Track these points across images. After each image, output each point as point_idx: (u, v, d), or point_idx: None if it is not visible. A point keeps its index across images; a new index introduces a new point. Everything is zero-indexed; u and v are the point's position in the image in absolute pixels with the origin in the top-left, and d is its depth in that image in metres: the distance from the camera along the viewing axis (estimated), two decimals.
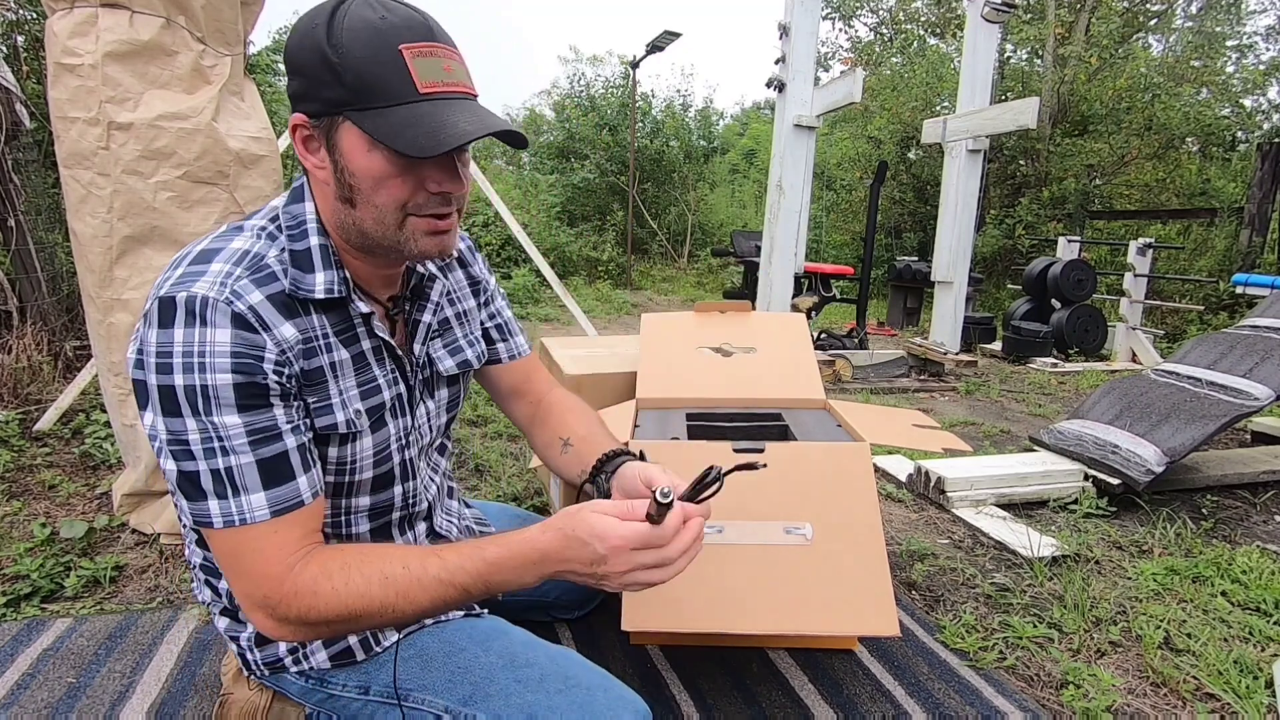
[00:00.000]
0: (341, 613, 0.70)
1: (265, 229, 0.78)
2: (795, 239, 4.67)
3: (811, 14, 4.41)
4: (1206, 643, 1.53)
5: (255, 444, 0.70)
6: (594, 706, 0.80)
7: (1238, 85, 10.40)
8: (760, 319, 2.01)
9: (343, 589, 0.70)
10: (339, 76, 0.68)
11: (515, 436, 2.92)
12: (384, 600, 0.70)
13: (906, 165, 10.66)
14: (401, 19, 0.70)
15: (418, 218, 0.75)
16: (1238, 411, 2.31)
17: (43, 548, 1.74)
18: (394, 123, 0.68)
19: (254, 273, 0.73)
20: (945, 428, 2.43)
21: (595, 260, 10.53)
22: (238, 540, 0.71)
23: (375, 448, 0.85)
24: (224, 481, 0.69)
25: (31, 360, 2.92)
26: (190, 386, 0.67)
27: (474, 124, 0.70)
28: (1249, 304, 5.50)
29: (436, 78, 0.70)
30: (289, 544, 0.72)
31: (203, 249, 0.75)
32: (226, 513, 0.69)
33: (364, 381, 0.83)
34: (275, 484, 0.71)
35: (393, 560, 0.72)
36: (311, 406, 0.78)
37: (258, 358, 0.70)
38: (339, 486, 0.85)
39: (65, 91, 1.60)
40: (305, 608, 0.70)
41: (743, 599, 1.22)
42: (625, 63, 12.23)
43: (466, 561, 0.71)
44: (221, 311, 0.69)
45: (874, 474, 1.35)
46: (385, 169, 0.71)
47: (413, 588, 0.71)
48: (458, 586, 0.71)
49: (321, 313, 0.79)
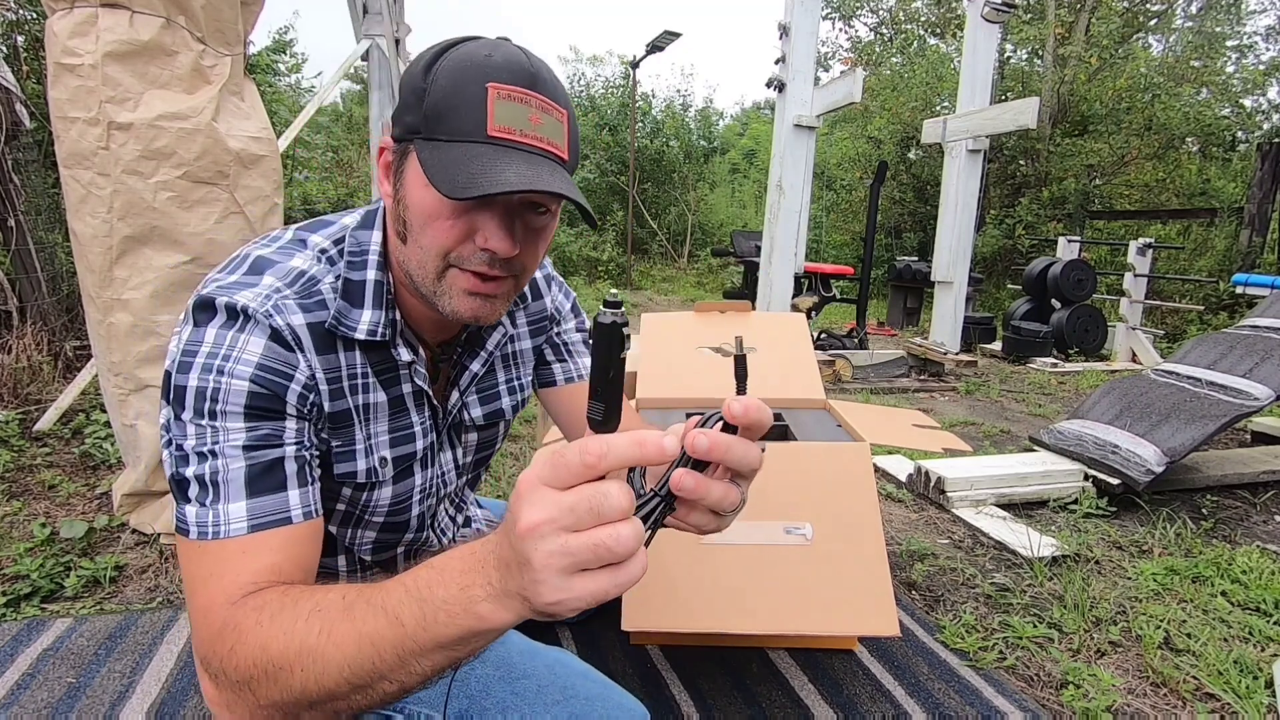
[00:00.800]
0: (258, 658, 0.54)
1: (327, 251, 0.73)
2: (795, 239, 4.67)
3: (811, 14, 4.41)
4: (1206, 643, 1.53)
5: (250, 450, 0.64)
6: (591, 717, 0.79)
7: (1238, 85, 10.41)
8: (760, 319, 2.01)
9: (267, 623, 0.54)
10: (421, 101, 0.65)
11: (515, 436, 2.92)
12: (305, 639, 0.52)
13: (906, 165, 10.66)
14: (505, 60, 0.65)
15: (459, 270, 0.68)
16: (1238, 411, 2.31)
17: (43, 548, 1.74)
18: (447, 158, 0.62)
19: (303, 297, 0.69)
20: (945, 428, 2.43)
21: (595, 260, 10.54)
22: (205, 561, 0.61)
23: (394, 498, 0.81)
24: (208, 487, 0.63)
25: (31, 360, 2.92)
26: (202, 388, 0.63)
27: (523, 179, 0.61)
28: (1249, 304, 5.50)
29: (515, 124, 0.64)
30: (249, 571, 0.60)
31: (261, 256, 0.71)
32: (202, 523, 0.62)
33: (397, 428, 0.79)
34: (260, 493, 0.63)
35: (333, 592, 0.55)
36: (333, 450, 0.74)
37: (286, 375, 0.67)
38: (348, 516, 0.82)
39: (65, 91, 1.60)
40: (227, 650, 0.56)
41: (743, 599, 1.22)
42: (625, 63, 12.24)
43: (409, 575, 0.50)
44: (261, 323, 0.66)
45: (874, 474, 1.35)
46: (436, 207, 0.65)
47: (340, 620, 0.51)
48: (389, 611, 0.49)
49: (363, 351, 0.74)
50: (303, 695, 0.53)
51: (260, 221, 1.81)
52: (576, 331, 1.01)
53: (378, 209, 0.77)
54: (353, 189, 9.38)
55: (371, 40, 3.68)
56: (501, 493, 2.25)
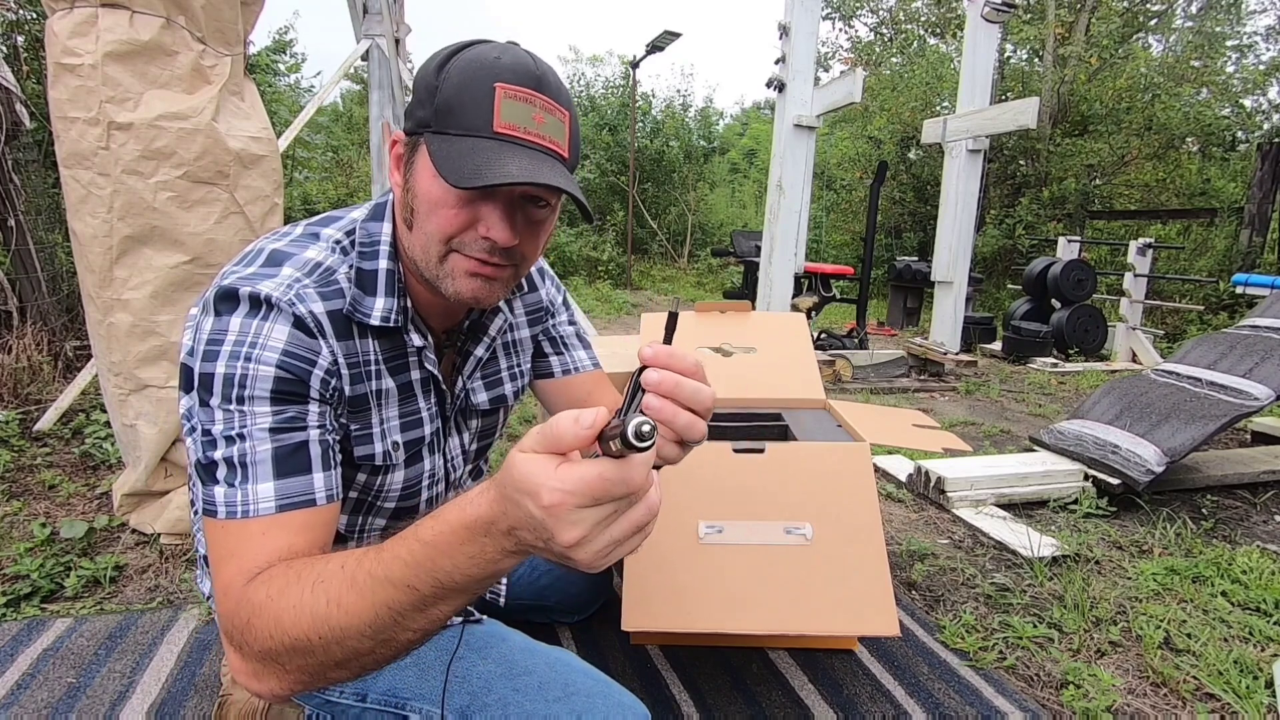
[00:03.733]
0: (274, 631, 0.57)
1: (340, 243, 0.77)
2: (795, 239, 4.67)
3: (811, 14, 4.41)
4: (1206, 643, 1.53)
5: (277, 432, 0.67)
6: (593, 714, 0.80)
7: (1238, 85, 10.41)
8: (760, 319, 2.01)
9: (277, 597, 0.58)
10: (433, 97, 0.69)
11: (515, 436, 2.92)
12: (315, 610, 0.55)
13: (906, 165, 10.66)
14: (513, 62, 0.69)
15: (461, 256, 0.72)
16: (1238, 411, 2.31)
17: (43, 548, 1.74)
18: (455, 150, 0.67)
19: (321, 285, 0.73)
20: (945, 428, 2.42)
21: (595, 260, 10.54)
22: (229, 540, 0.64)
23: (406, 483, 0.84)
24: (236, 469, 0.66)
25: (31, 360, 2.92)
26: (230, 375, 0.66)
27: (524, 173, 0.65)
28: (1249, 304, 5.50)
29: (519, 122, 0.68)
30: (268, 550, 0.63)
31: (276, 249, 0.74)
32: (230, 502, 0.65)
33: (407, 413, 0.82)
34: (289, 473, 0.67)
35: (331, 561, 0.59)
36: (352, 433, 0.77)
37: (310, 361, 0.70)
38: (359, 504, 0.84)
39: (65, 91, 1.60)
40: (244, 625, 0.59)
41: (743, 599, 1.22)
42: (625, 63, 12.24)
43: (402, 548, 0.53)
44: (285, 311, 0.69)
45: (874, 474, 1.35)
46: (442, 196, 0.69)
47: (346, 592, 0.55)
48: (397, 583, 0.53)
49: (375, 338, 0.78)
50: (326, 659, 0.57)
51: (260, 221, 1.81)
52: (569, 325, 1.06)
53: (386, 202, 0.80)
54: (353, 189, 9.39)
55: (371, 40, 3.68)
56: None
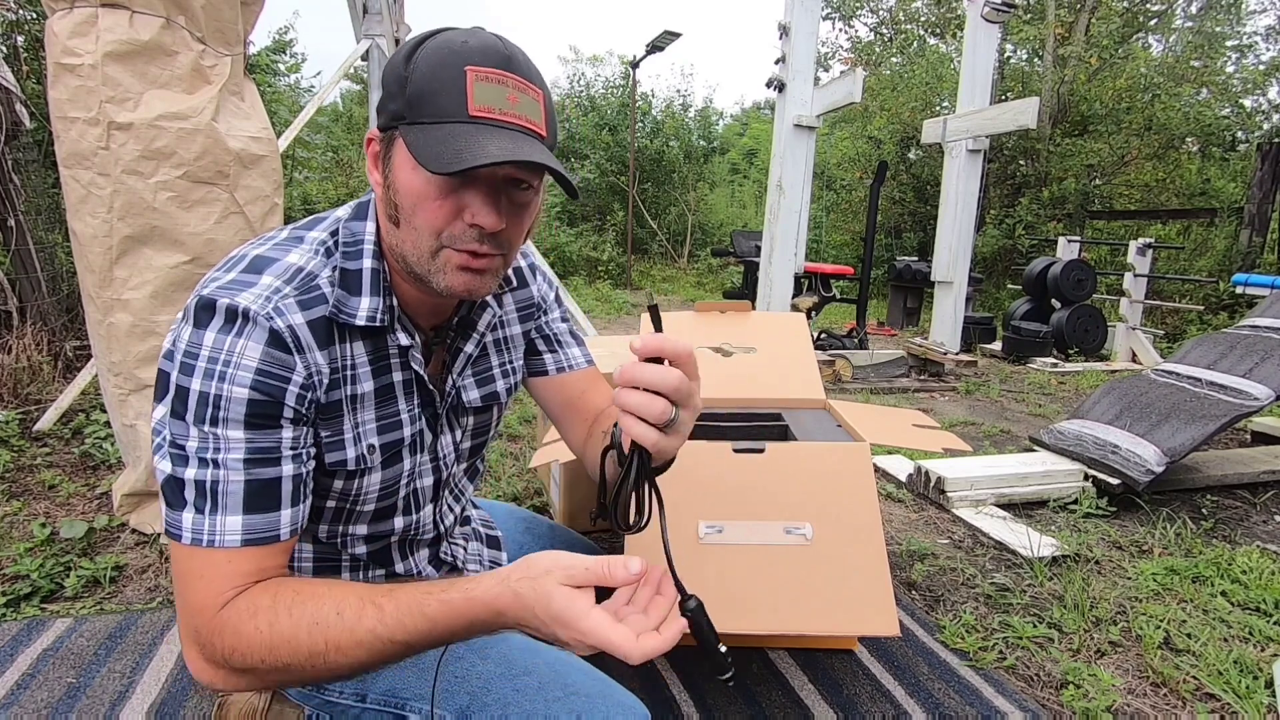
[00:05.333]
0: (266, 658, 0.64)
1: (325, 244, 0.76)
2: (795, 239, 4.67)
3: (811, 14, 4.41)
4: (1206, 643, 1.53)
5: (251, 464, 0.67)
6: (593, 714, 0.79)
7: (1238, 85, 10.41)
8: (760, 319, 2.01)
9: (267, 631, 0.64)
10: (403, 88, 0.68)
11: (515, 436, 2.92)
12: (312, 648, 0.63)
13: (906, 165, 10.66)
14: (481, 45, 0.68)
15: (452, 250, 0.71)
16: (1238, 411, 2.31)
17: (43, 548, 1.74)
18: (432, 138, 0.66)
19: (302, 293, 0.71)
20: (945, 428, 2.43)
21: (595, 260, 10.54)
22: (194, 562, 0.67)
23: (383, 483, 0.83)
24: (206, 496, 0.66)
25: (31, 360, 2.92)
26: (205, 393, 0.65)
27: (505, 152, 0.64)
28: (1249, 304, 5.50)
29: (494, 104, 0.67)
30: (235, 576, 0.67)
31: (259, 255, 0.73)
32: (197, 529, 0.66)
33: (384, 415, 0.81)
34: (257, 510, 0.68)
35: (326, 604, 0.64)
36: (323, 440, 0.75)
37: (283, 379, 0.68)
38: (338, 513, 0.83)
39: (65, 91, 1.60)
40: (229, 648, 0.64)
41: (743, 599, 1.21)
42: (625, 63, 12.24)
43: (406, 617, 0.63)
44: (260, 325, 0.67)
45: (874, 474, 1.35)
46: (424, 188, 0.68)
47: (344, 639, 0.63)
48: (398, 643, 0.63)
49: (358, 340, 0.76)
50: (306, 679, 0.65)
51: (260, 221, 1.81)
52: (561, 322, 1.05)
53: (368, 201, 0.79)
54: (353, 189, 9.38)
55: (371, 40, 3.69)
56: (501, 493, 2.25)
